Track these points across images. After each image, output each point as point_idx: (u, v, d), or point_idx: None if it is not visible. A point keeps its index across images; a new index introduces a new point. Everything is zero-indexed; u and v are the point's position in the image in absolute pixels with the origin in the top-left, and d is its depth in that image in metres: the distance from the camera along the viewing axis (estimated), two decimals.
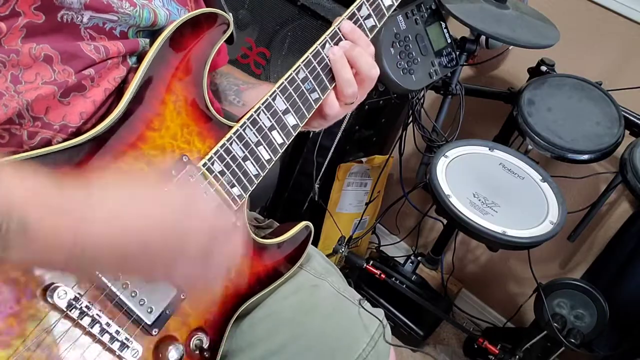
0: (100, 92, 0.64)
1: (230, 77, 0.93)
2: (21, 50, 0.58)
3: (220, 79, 0.93)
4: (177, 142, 0.66)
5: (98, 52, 0.63)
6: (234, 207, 0.72)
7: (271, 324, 0.83)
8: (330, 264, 0.95)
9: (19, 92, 0.58)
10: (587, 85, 1.54)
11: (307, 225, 0.84)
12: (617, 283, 1.58)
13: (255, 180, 0.74)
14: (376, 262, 1.81)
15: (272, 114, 0.74)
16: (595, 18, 1.65)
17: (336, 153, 1.76)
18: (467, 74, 1.92)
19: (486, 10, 1.44)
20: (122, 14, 0.64)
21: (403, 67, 1.38)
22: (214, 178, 0.69)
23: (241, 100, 0.89)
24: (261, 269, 0.79)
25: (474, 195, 1.36)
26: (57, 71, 0.60)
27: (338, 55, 0.76)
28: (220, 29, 0.72)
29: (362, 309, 0.88)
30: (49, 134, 0.60)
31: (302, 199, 1.83)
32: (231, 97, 0.90)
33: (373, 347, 0.83)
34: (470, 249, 2.10)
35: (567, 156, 1.44)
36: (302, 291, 0.86)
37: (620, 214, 1.72)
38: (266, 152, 0.74)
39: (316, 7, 1.57)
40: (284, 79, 0.74)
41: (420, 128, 1.66)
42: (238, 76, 0.94)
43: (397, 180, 1.97)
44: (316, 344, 0.81)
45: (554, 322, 1.50)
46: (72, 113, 0.62)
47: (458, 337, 2.05)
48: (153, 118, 0.65)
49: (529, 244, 1.30)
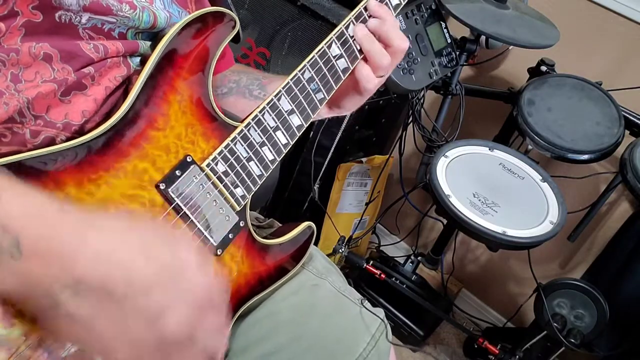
0: (101, 90, 0.64)
1: (248, 73, 0.93)
2: (21, 49, 0.58)
3: (238, 75, 0.93)
4: (182, 142, 0.66)
5: (97, 51, 0.63)
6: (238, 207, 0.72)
7: (272, 324, 0.83)
8: (330, 264, 0.95)
9: (19, 91, 0.58)
10: (587, 85, 1.54)
11: (309, 226, 0.84)
12: (617, 283, 1.59)
13: (258, 180, 0.74)
14: (376, 262, 1.81)
15: (277, 114, 0.74)
16: (595, 18, 1.65)
17: (336, 153, 1.76)
18: (467, 74, 1.93)
19: (486, 10, 1.45)
20: (121, 17, 0.64)
21: (403, 67, 1.38)
22: (217, 179, 0.69)
23: (267, 93, 0.89)
24: (263, 269, 0.78)
25: (474, 195, 1.36)
26: (56, 69, 0.60)
27: (364, 32, 0.78)
28: (226, 28, 0.72)
29: (363, 308, 0.88)
30: (52, 133, 0.60)
31: (302, 198, 1.83)
32: (256, 92, 0.89)
33: (374, 347, 0.83)
34: (470, 249, 2.11)
35: (567, 156, 1.45)
36: (303, 291, 0.86)
37: (620, 214, 1.72)
38: (270, 152, 0.74)
39: (316, 7, 1.57)
40: (290, 79, 0.74)
41: (420, 128, 1.66)
42: (253, 72, 0.94)
43: (397, 180, 1.97)
44: (316, 344, 0.81)
45: (554, 322, 1.50)
46: (73, 111, 0.61)
47: (458, 337, 2.05)
48: (157, 117, 0.64)
49: (529, 244, 1.30)
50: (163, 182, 0.63)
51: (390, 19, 0.80)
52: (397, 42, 0.79)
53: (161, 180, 0.63)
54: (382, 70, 0.80)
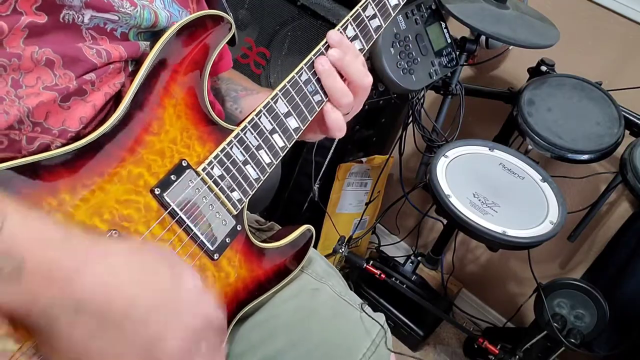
0: (100, 96, 0.63)
1: (230, 82, 0.92)
2: (23, 54, 0.57)
3: (220, 84, 0.92)
4: (177, 147, 0.66)
5: (100, 56, 0.62)
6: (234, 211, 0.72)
7: (271, 328, 0.82)
8: (331, 268, 0.94)
9: (19, 97, 0.57)
10: (587, 86, 1.54)
11: (308, 229, 0.84)
12: (617, 283, 1.58)
13: (255, 184, 0.74)
14: (376, 262, 1.81)
15: (273, 117, 0.73)
16: (595, 18, 1.65)
17: (336, 153, 1.76)
18: (467, 74, 1.92)
19: (486, 10, 1.44)
20: (123, 14, 0.63)
21: (403, 67, 1.38)
22: (213, 183, 0.69)
23: (239, 107, 0.88)
24: (261, 273, 0.78)
25: (474, 195, 1.36)
26: (58, 75, 0.60)
27: (327, 65, 0.74)
28: (222, 31, 0.71)
29: (363, 313, 0.87)
30: (47, 139, 0.60)
31: (302, 199, 1.83)
32: (229, 104, 0.89)
33: (374, 352, 0.83)
34: (470, 249, 2.10)
35: (567, 156, 1.44)
36: (302, 295, 0.86)
37: (620, 214, 1.72)
38: (267, 155, 0.74)
39: (316, 7, 1.57)
40: (286, 81, 0.74)
41: (420, 128, 1.65)
42: (239, 82, 0.93)
43: (397, 180, 1.97)
44: (316, 349, 0.81)
45: (554, 322, 1.50)
46: (71, 118, 0.61)
47: (458, 337, 2.05)
48: (152, 122, 0.64)
49: (529, 244, 1.30)
50: (158, 187, 0.63)
51: (350, 53, 0.75)
52: (356, 76, 0.75)
53: (156, 185, 0.63)
54: (344, 108, 0.77)
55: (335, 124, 0.78)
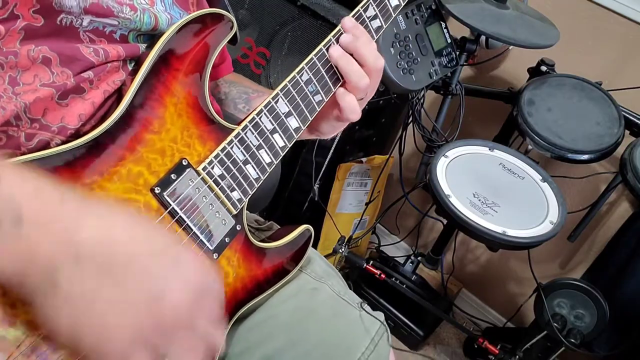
0: (99, 93, 0.63)
1: (239, 85, 0.93)
2: (19, 52, 0.57)
3: (229, 87, 0.92)
4: (177, 145, 0.65)
5: (97, 54, 0.62)
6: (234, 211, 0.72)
7: (270, 327, 0.82)
8: (330, 267, 0.94)
9: (17, 94, 0.57)
10: (587, 86, 1.54)
11: (307, 229, 0.84)
12: (617, 283, 1.58)
13: (255, 183, 0.73)
14: (376, 262, 1.81)
15: (274, 116, 0.73)
16: (595, 18, 1.65)
17: (336, 153, 1.76)
18: (467, 74, 1.92)
19: (486, 10, 1.44)
20: (123, 19, 0.63)
21: (403, 67, 1.38)
22: (213, 182, 0.68)
23: (251, 108, 0.89)
24: (260, 273, 0.78)
25: (474, 195, 1.36)
26: (55, 73, 0.60)
27: (340, 52, 0.75)
28: (223, 30, 0.71)
29: (362, 311, 0.87)
30: (47, 136, 0.60)
31: (302, 199, 1.83)
32: (241, 106, 0.89)
33: (373, 350, 0.83)
34: (470, 249, 2.10)
35: (567, 156, 1.44)
36: (302, 294, 0.86)
37: (620, 214, 1.72)
38: (267, 155, 0.74)
39: (316, 7, 1.57)
40: (287, 81, 0.74)
41: (420, 128, 1.66)
42: (247, 84, 0.93)
43: (397, 180, 1.97)
44: (315, 348, 0.81)
45: (554, 322, 1.50)
46: (70, 115, 0.61)
47: (458, 337, 2.05)
48: (153, 120, 0.64)
49: (529, 244, 1.30)
50: (158, 186, 0.63)
51: (363, 36, 0.77)
52: (369, 59, 0.76)
53: (156, 184, 0.63)
54: (361, 91, 0.78)
55: (349, 106, 0.78)
